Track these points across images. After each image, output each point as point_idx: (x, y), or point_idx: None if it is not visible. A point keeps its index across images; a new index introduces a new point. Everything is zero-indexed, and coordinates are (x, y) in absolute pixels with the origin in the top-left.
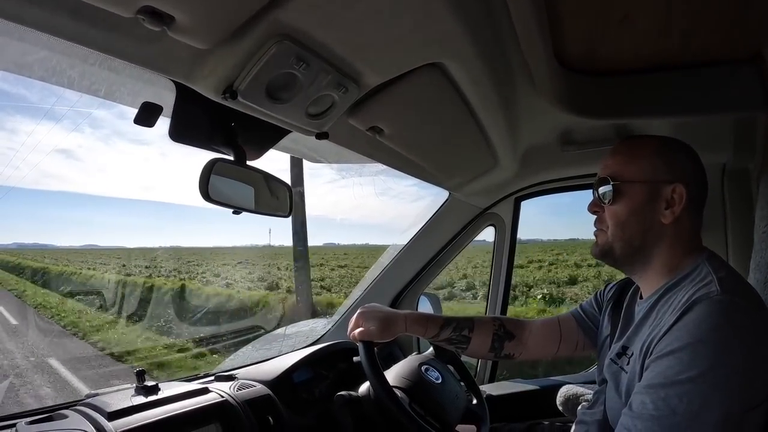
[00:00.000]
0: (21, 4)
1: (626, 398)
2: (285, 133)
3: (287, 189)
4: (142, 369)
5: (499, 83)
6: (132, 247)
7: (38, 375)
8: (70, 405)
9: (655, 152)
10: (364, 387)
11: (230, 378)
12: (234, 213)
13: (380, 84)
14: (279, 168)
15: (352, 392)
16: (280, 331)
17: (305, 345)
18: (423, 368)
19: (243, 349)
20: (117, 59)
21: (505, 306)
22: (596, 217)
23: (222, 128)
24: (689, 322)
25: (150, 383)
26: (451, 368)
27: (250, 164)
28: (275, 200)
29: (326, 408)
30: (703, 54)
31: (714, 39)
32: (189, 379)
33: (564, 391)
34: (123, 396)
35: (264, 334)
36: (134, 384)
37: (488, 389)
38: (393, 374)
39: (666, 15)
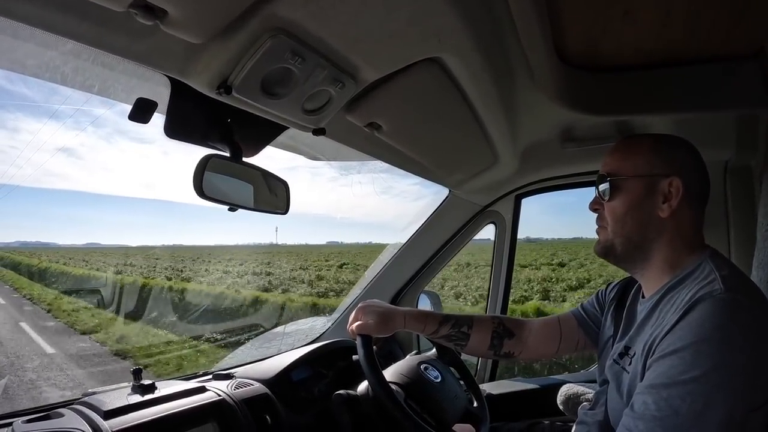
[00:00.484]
0: None
1: (628, 399)
2: (282, 130)
3: (284, 186)
4: (139, 367)
5: (499, 79)
6: (134, 245)
7: None
8: (67, 404)
9: (652, 148)
10: (363, 386)
11: (228, 377)
12: (230, 210)
13: (378, 79)
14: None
15: (351, 391)
16: (280, 330)
17: (304, 343)
18: (422, 367)
19: (242, 348)
20: (110, 54)
21: (506, 304)
22: (597, 215)
23: (218, 124)
24: (692, 321)
25: (147, 382)
26: (452, 369)
27: (247, 161)
28: (272, 197)
29: (325, 407)
30: (705, 50)
31: (716, 35)
32: (186, 378)
33: (564, 391)
34: (119, 395)
35: (263, 332)
36: (131, 382)
37: (488, 388)
38: (391, 371)
39: (667, 11)
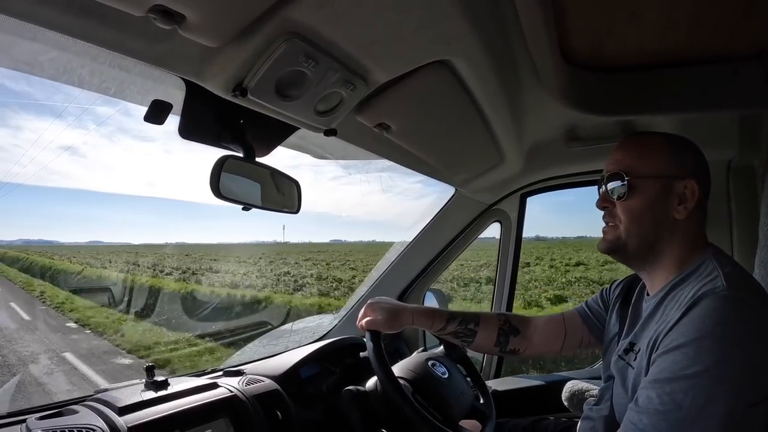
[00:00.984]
0: (32, 3)
1: (633, 394)
2: (293, 130)
3: (296, 185)
4: (152, 364)
5: (506, 80)
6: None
7: None
8: (80, 400)
9: (667, 148)
10: (372, 382)
11: (239, 373)
12: (243, 209)
13: (388, 81)
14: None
15: (360, 387)
16: (287, 327)
17: (312, 340)
18: (430, 363)
19: (250, 345)
20: (127, 58)
21: (511, 301)
22: (605, 213)
23: (231, 125)
24: (695, 317)
25: (159, 378)
26: (460, 367)
27: (259, 161)
28: (284, 197)
29: (334, 403)
30: (709, 51)
31: (719, 36)
32: (198, 375)
33: (569, 387)
34: (133, 391)
35: (271, 330)
36: (144, 379)
37: (494, 385)
38: (400, 367)
39: (672, 11)
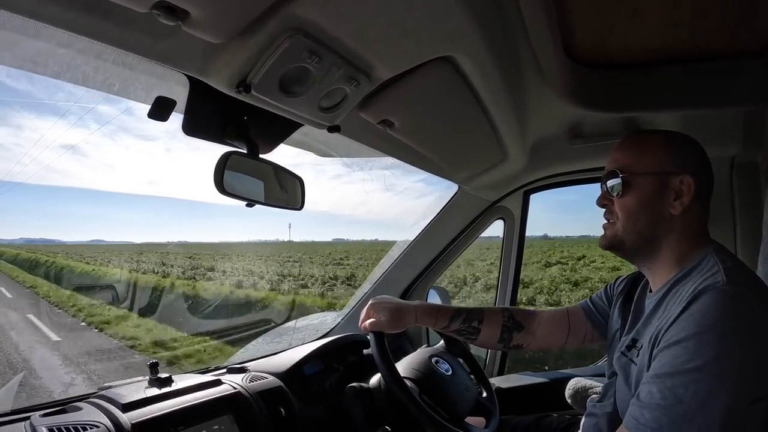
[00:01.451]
0: (37, 0)
1: (636, 390)
2: (297, 127)
3: (300, 182)
4: (156, 361)
5: (509, 76)
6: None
7: None
8: (84, 398)
9: (663, 145)
10: (375, 379)
11: (242, 370)
12: (247, 206)
13: (391, 77)
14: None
15: (363, 384)
16: (291, 324)
17: (315, 338)
18: (433, 360)
19: (254, 342)
20: (131, 54)
21: (514, 298)
22: (605, 210)
23: (235, 122)
24: (696, 312)
25: (163, 375)
26: (461, 361)
27: (263, 157)
28: (287, 193)
29: (337, 400)
30: (712, 47)
31: (723, 33)
32: (202, 372)
33: (573, 384)
34: (137, 388)
35: (274, 327)
36: (147, 376)
37: (497, 382)
38: (403, 366)
39: (675, 8)
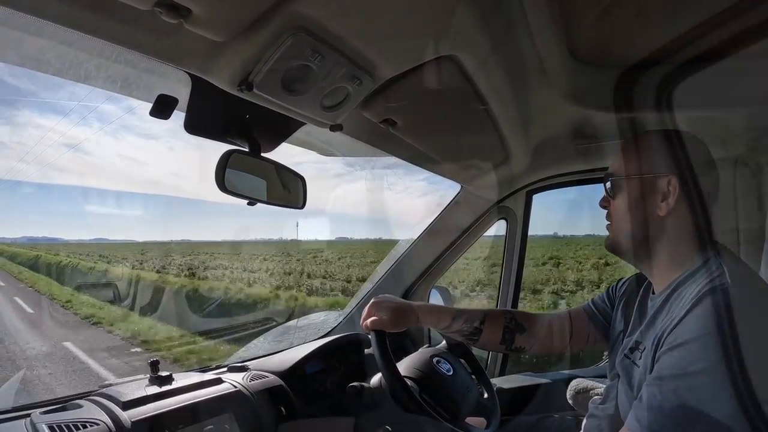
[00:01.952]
0: None
1: (638, 393)
2: (299, 125)
3: (301, 181)
4: (156, 359)
5: (512, 76)
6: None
7: None
8: (85, 395)
9: (652, 146)
10: (376, 378)
11: (243, 369)
12: (249, 204)
13: (394, 76)
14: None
15: (364, 383)
16: (292, 323)
17: (317, 337)
18: (435, 360)
19: (255, 341)
20: (133, 52)
21: (516, 299)
22: (607, 212)
23: (237, 120)
24: (700, 314)
25: (164, 373)
26: (463, 362)
27: (265, 156)
28: (289, 192)
29: (337, 399)
30: (717, 48)
31: (727, 33)
32: (202, 370)
33: (574, 385)
34: (137, 386)
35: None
36: (148, 374)
37: (499, 382)
38: (405, 365)
39: (678, 9)
